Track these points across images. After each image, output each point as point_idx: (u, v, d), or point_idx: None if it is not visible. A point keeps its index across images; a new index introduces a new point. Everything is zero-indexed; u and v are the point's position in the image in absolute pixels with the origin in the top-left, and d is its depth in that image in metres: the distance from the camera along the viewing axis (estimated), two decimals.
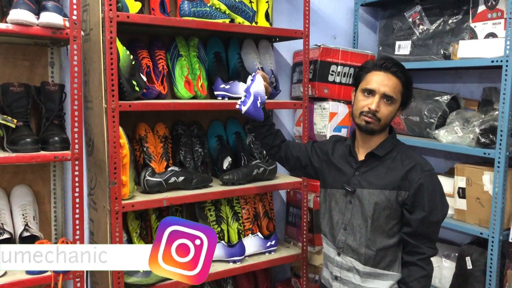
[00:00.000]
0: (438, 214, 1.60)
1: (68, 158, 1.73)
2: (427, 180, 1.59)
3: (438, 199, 1.61)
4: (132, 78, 1.90)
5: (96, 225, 2.04)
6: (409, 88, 1.65)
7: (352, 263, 1.66)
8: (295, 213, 2.63)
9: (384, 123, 1.63)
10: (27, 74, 1.97)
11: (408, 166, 1.61)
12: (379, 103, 1.60)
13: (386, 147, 1.67)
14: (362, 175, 1.67)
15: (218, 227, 2.35)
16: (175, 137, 2.30)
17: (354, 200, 1.66)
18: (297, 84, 2.62)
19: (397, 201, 1.61)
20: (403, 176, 1.60)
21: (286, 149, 1.92)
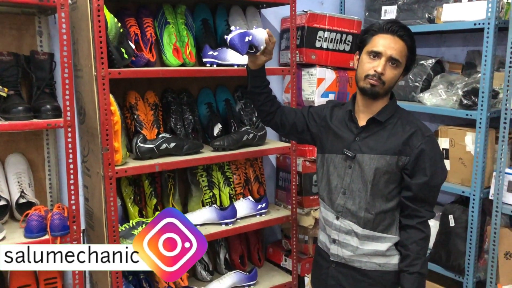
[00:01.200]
0: (438, 178, 1.61)
1: (61, 125, 1.77)
2: (428, 145, 1.59)
3: (439, 164, 1.61)
4: (120, 46, 1.92)
5: (90, 191, 2.10)
6: (414, 53, 1.62)
7: (351, 226, 1.66)
8: (284, 177, 2.70)
9: (388, 86, 1.60)
10: (15, 43, 1.98)
11: (409, 131, 1.61)
12: (385, 66, 1.56)
13: (388, 113, 1.65)
14: (362, 141, 1.66)
15: (210, 192, 2.42)
16: (165, 104, 2.33)
17: (354, 165, 1.66)
18: (285, 51, 2.65)
19: (397, 166, 1.61)
20: (404, 141, 1.60)
21: (281, 115, 1.88)
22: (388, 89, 1.62)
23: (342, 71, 2.60)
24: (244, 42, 1.66)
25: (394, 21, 1.61)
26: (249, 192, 2.54)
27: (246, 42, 1.67)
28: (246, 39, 1.66)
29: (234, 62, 2.24)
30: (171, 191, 2.33)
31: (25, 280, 2.00)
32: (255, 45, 1.68)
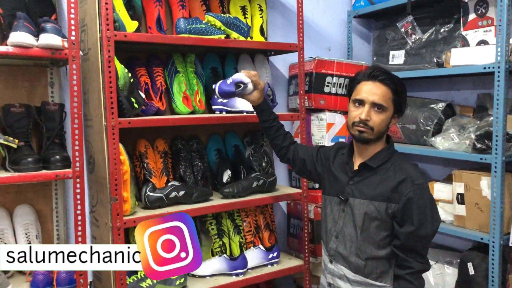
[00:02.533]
0: (427, 229, 1.59)
1: (70, 176, 1.75)
2: (417, 193, 1.58)
3: (428, 214, 1.59)
4: (130, 96, 1.93)
5: (98, 242, 2.05)
6: (400, 95, 1.65)
7: (343, 270, 1.68)
8: (296, 224, 2.64)
9: (378, 131, 1.63)
10: (27, 95, 2.00)
11: (399, 178, 1.61)
12: (369, 112, 1.61)
13: (381, 158, 1.67)
14: (355, 185, 1.69)
15: (220, 241, 2.37)
16: (175, 152, 2.32)
17: (347, 209, 1.68)
18: (294, 96, 2.65)
19: (387, 213, 1.61)
20: (393, 188, 1.60)
21: (294, 151, 1.97)
22: (379, 134, 1.64)
23: None
24: (228, 84, 1.88)
25: (375, 67, 1.67)
26: (259, 240, 2.48)
27: (230, 83, 1.88)
28: (229, 81, 1.88)
29: (243, 108, 2.24)
30: None
31: None
32: (239, 81, 1.88)
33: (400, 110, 1.68)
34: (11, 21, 1.75)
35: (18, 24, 1.64)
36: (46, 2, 1.94)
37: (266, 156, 2.52)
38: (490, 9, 2.22)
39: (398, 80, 1.65)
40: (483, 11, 2.25)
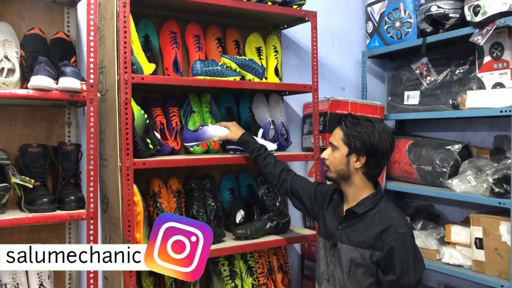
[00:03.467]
0: (409, 278, 1.59)
1: (84, 217, 1.75)
2: (399, 243, 1.59)
3: (411, 264, 1.59)
4: (146, 136, 1.95)
5: (110, 282, 2.03)
6: (352, 136, 1.70)
7: None
8: (310, 266, 2.60)
9: (334, 169, 1.74)
10: (45, 134, 2.03)
11: (383, 226, 1.63)
12: (327, 152, 1.77)
13: (367, 204, 1.70)
14: (344, 230, 1.73)
15: (232, 283, 2.33)
16: (188, 191, 2.32)
17: (336, 253, 1.72)
18: (308, 136, 2.65)
19: (371, 260, 1.63)
20: (377, 236, 1.63)
21: (291, 183, 2.00)
22: (339, 173, 1.72)
23: None
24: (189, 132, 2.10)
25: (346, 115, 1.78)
26: (272, 283, 2.43)
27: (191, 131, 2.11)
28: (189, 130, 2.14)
29: None
30: (191, 282, 2.24)
31: None
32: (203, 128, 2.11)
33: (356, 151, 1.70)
34: (32, 64, 1.80)
35: (39, 68, 1.68)
36: (67, 45, 1.99)
37: (280, 195, 2.50)
38: (506, 52, 2.22)
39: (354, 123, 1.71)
40: (499, 54, 2.25)
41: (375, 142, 1.67)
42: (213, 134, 2.13)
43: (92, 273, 1.77)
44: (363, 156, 1.69)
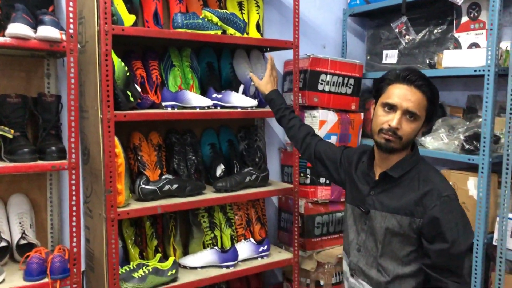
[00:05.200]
0: (460, 246, 1.41)
1: (65, 167, 1.77)
2: (444, 207, 1.42)
3: (461, 229, 1.42)
4: (127, 89, 1.95)
5: (91, 232, 2.08)
6: (435, 103, 1.49)
7: (364, 286, 1.57)
8: (286, 218, 2.69)
9: (406, 141, 1.48)
10: (23, 85, 2.01)
11: (423, 190, 1.46)
12: (400, 120, 1.44)
13: (404, 167, 1.51)
14: (377, 196, 1.55)
15: (211, 233, 2.41)
16: (169, 145, 2.35)
17: (369, 221, 1.56)
18: (288, 93, 2.68)
19: (411, 228, 1.46)
20: (417, 201, 1.45)
21: (315, 148, 1.85)
22: (406, 144, 1.49)
23: (344, 113, 2.63)
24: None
25: (411, 69, 1.49)
26: (250, 234, 2.53)
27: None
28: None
29: (237, 104, 2.26)
30: (172, 232, 2.31)
31: None
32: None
33: (431, 119, 1.52)
34: (9, 12, 1.76)
35: (17, 16, 1.66)
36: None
37: (259, 151, 2.56)
38: (482, 13, 2.26)
39: (435, 87, 1.49)
40: (476, 14, 2.29)
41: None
42: (190, 98, 2.14)
43: (75, 222, 1.81)
44: (433, 123, 1.60)
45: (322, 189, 2.55)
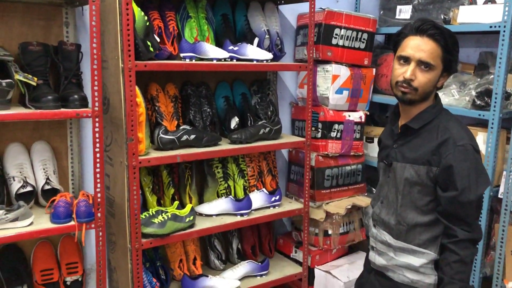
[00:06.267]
0: (470, 194, 1.44)
1: (89, 115, 1.81)
2: (458, 156, 1.44)
3: (472, 178, 1.44)
4: (147, 39, 1.96)
5: (112, 179, 2.15)
6: (450, 52, 1.49)
7: (385, 236, 1.62)
8: (296, 171, 2.76)
9: (423, 92, 1.49)
10: (43, 34, 2.02)
11: (441, 139, 1.48)
12: (414, 71, 1.47)
13: (424, 118, 1.54)
14: (399, 148, 1.59)
15: (225, 183, 2.48)
16: (185, 97, 2.38)
17: (391, 173, 1.61)
18: (301, 47, 2.69)
19: (428, 177, 1.50)
20: (433, 150, 1.48)
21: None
22: (424, 94, 1.51)
23: (357, 68, 2.65)
24: None
25: (424, 20, 1.49)
26: (262, 184, 2.60)
27: None
28: None
29: (253, 57, 2.28)
30: (188, 181, 2.38)
31: (47, 265, 2.07)
32: None
33: (450, 68, 1.52)
34: None
35: None
36: None
37: (272, 105, 2.60)
38: None
39: (449, 34, 1.48)
40: None
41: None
42: (208, 50, 2.15)
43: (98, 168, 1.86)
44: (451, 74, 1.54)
45: (332, 143, 2.61)
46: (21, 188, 1.92)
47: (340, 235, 2.65)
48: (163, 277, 2.31)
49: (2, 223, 1.74)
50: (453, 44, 1.50)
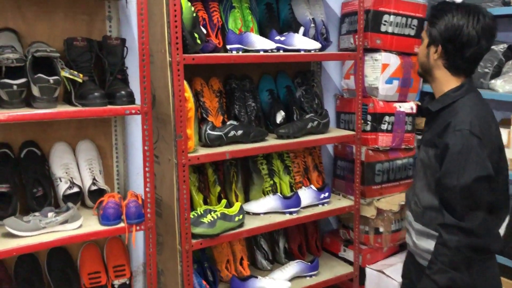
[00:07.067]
0: (452, 179, 1.42)
1: (138, 111, 1.74)
2: (453, 139, 1.44)
3: (460, 163, 1.41)
4: (194, 31, 1.87)
5: (159, 178, 2.07)
6: (431, 23, 1.55)
7: (409, 217, 1.66)
8: (343, 166, 2.65)
9: (419, 63, 1.63)
10: (86, 29, 1.95)
11: (446, 122, 1.50)
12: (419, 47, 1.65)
13: (442, 102, 1.55)
14: (426, 131, 1.65)
15: (271, 180, 2.39)
16: (229, 91, 2.29)
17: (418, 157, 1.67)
18: (346, 36, 2.57)
19: (436, 159, 1.50)
20: (439, 133, 1.51)
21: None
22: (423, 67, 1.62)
23: (407, 56, 2.51)
24: None
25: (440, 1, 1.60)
26: (308, 181, 2.50)
27: None
28: None
29: (300, 47, 2.17)
30: (233, 178, 2.29)
31: (95, 267, 2.01)
32: None
33: (434, 39, 1.54)
34: None
35: None
36: None
37: (317, 97, 2.49)
38: None
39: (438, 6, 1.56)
40: None
41: (452, 28, 1.48)
42: (254, 41, 2.05)
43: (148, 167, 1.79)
44: (439, 45, 1.53)
45: (383, 136, 2.48)
46: (68, 189, 1.86)
47: (392, 232, 2.53)
48: (211, 278, 2.23)
49: (52, 225, 1.67)
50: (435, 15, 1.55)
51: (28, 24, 1.85)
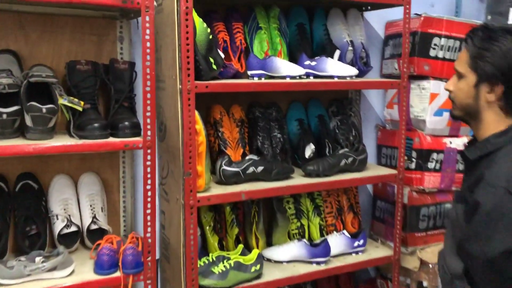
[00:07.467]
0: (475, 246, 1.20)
1: (140, 146, 1.53)
2: (485, 197, 1.20)
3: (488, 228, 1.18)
4: (209, 55, 1.65)
5: (167, 218, 1.85)
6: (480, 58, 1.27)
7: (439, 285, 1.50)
8: (383, 207, 2.33)
9: (459, 104, 1.36)
10: (94, 50, 1.78)
11: (480, 174, 1.26)
12: (451, 82, 1.38)
13: (482, 149, 1.31)
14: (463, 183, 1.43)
15: (297, 222, 2.12)
16: (252, 120, 2.05)
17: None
18: (390, 60, 2.27)
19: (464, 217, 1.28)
20: (470, 186, 1.28)
21: None
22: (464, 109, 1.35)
23: None
24: None
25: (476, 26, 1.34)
26: (341, 223, 2.20)
27: None
28: None
29: (334, 73, 1.90)
30: (254, 219, 2.03)
31: None
32: None
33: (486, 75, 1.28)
34: None
35: None
36: None
37: (354, 129, 2.20)
38: None
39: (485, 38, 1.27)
40: None
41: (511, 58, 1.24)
42: (280, 66, 1.81)
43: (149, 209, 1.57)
44: (499, 85, 1.26)
45: (430, 176, 2.14)
46: (64, 228, 1.68)
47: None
48: None
49: (37, 273, 1.48)
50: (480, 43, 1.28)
51: (31, 45, 1.70)
